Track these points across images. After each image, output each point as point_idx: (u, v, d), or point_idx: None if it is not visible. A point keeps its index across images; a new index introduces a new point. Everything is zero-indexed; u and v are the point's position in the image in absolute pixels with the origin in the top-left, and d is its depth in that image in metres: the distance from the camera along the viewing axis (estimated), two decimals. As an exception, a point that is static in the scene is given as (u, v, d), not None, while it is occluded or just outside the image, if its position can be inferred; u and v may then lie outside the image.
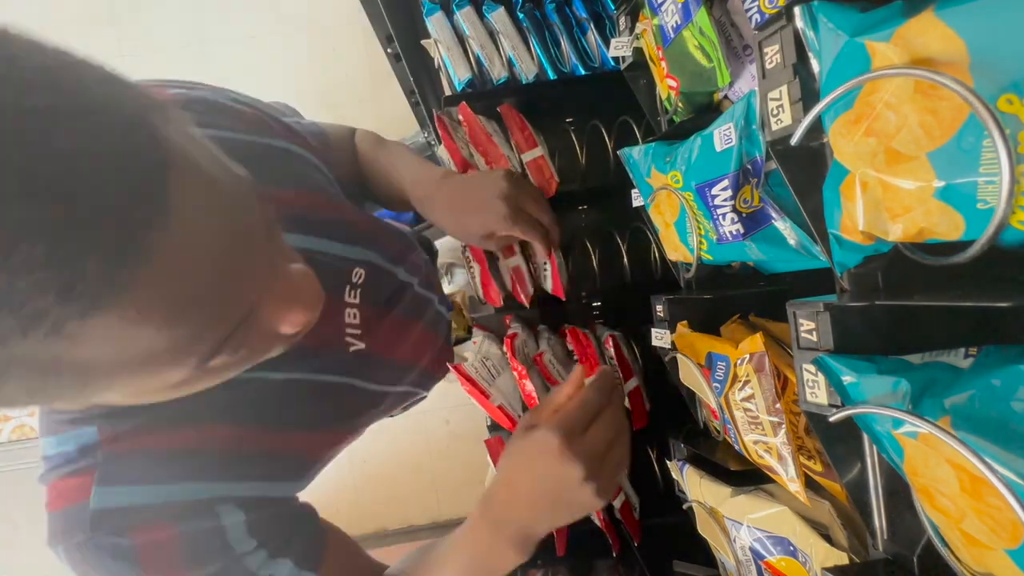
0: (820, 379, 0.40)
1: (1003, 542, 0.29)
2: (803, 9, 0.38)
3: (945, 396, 0.32)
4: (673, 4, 0.60)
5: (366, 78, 2.13)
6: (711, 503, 0.65)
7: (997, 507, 0.29)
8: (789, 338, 0.43)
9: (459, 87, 1.05)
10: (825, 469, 0.52)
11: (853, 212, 0.37)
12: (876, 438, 0.37)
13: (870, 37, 0.33)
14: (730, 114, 0.55)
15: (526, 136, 0.90)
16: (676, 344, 0.68)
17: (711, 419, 0.71)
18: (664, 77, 0.68)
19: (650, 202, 0.73)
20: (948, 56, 0.30)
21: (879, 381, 0.35)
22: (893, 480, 0.41)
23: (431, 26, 1.07)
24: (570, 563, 0.96)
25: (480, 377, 0.95)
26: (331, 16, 2.13)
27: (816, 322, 0.40)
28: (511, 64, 1.05)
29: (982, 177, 0.29)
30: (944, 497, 0.32)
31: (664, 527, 0.98)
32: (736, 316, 0.65)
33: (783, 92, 0.41)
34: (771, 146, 0.43)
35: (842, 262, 0.41)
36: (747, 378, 0.52)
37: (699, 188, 0.61)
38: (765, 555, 0.57)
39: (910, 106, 0.32)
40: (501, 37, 1.04)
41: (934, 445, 0.32)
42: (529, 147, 0.87)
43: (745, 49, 0.60)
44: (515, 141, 0.90)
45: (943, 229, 0.32)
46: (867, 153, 0.35)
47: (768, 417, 0.51)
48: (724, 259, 0.65)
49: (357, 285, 0.61)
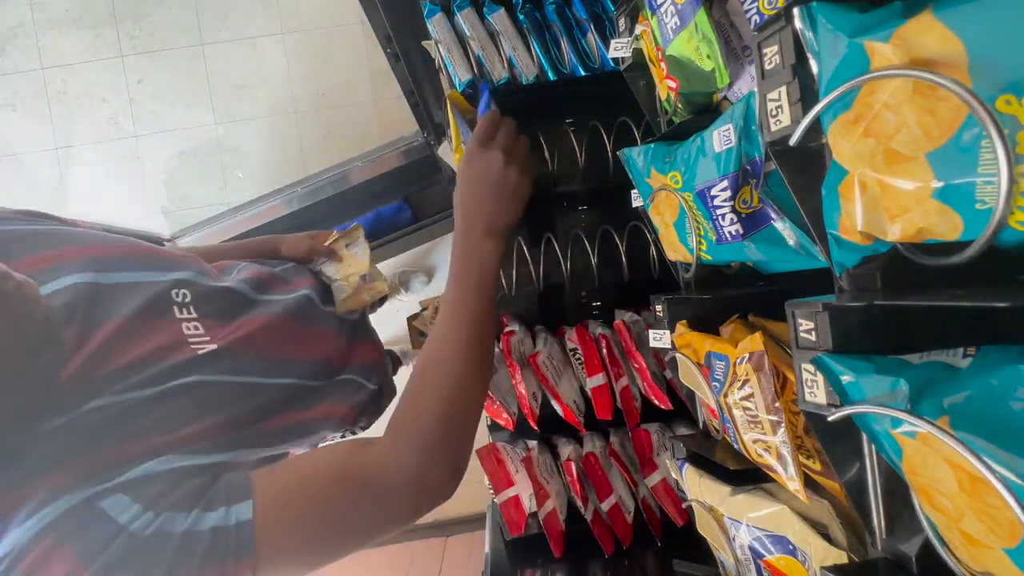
0: (819, 379, 0.40)
1: (1002, 541, 0.29)
2: (802, 10, 0.38)
3: (944, 396, 0.32)
4: (672, 5, 0.60)
5: (366, 78, 2.13)
6: (710, 502, 0.65)
7: (996, 506, 0.29)
8: (788, 338, 0.43)
9: (460, 88, 1.06)
10: (824, 468, 0.52)
11: (852, 212, 0.37)
12: (875, 437, 0.37)
13: (869, 38, 0.34)
14: (729, 115, 0.56)
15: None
16: (675, 344, 0.68)
17: (710, 418, 0.71)
18: (663, 78, 0.68)
19: (649, 202, 0.73)
20: (947, 57, 0.30)
21: (878, 381, 0.35)
22: (892, 479, 0.41)
23: (432, 27, 1.07)
24: (568, 564, 0.96)
25: None
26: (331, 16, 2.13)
27: (815, 322, 0.40)
28: (511, 65, 1.05)
29: (980, 177, 0.29)
30: (943, 496, 0.32)
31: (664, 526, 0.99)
32: (735, 316, 0.65)
33: (782, 93, 0.41)
34: (770, 147, 0.43)
35: (841, 262, 0.42)
36: (746, 377, 0.53)
37: (698, 189, 0.61)
38: (764, 554, 0.57)
39: (909, 107, 0.32)
40: (501, 38, 1.04)
41: (933, 445, 0.32)
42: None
43: (744, 50, 0.60)
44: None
45: (942, 229, 0.33)
46: (866, 153, 0.35)
47: (767, 416, 0.51)
48: (723, 259, 0.66)
49: (185, 303, 0.64)
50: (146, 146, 2.17)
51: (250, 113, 2.16)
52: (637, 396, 0.98)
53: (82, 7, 2.16)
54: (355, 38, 2.12)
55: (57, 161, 2.19)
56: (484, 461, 0.94)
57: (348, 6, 2.09)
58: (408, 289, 2.03)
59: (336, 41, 2.14)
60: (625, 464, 0.96)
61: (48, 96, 2.17)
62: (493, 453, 0.95)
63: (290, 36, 2.14)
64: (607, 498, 0.94)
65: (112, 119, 2.16)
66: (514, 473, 0.94)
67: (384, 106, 2.12)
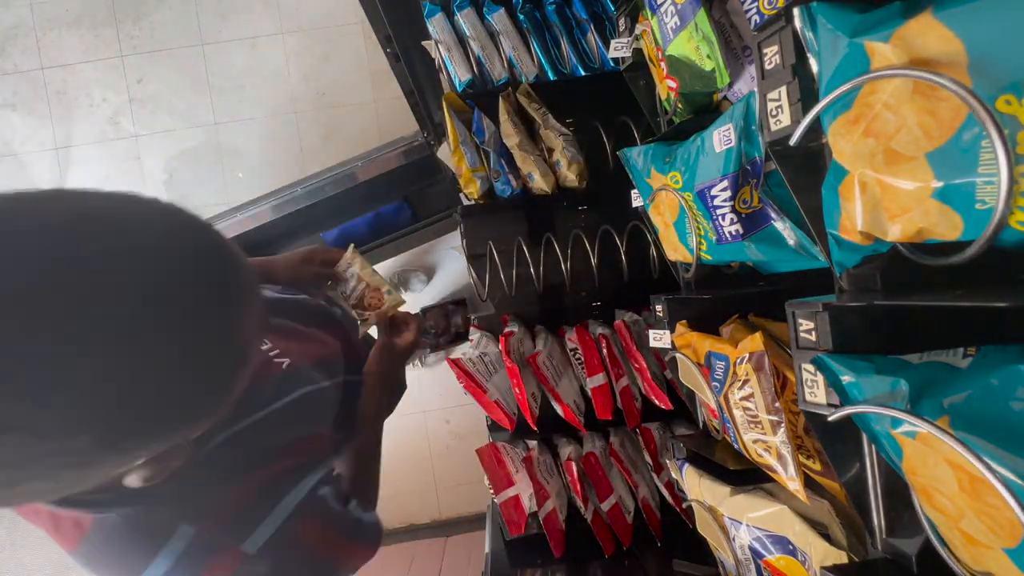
0: (819, 379, 0.40)
1: (1001, 541, 0.29)
2: (802, 10, 0.38)
3: (944, 396, 0.32)
4: (672, 5, 0.60)
5: (366, 78, 2.13)
6: (710, 502, 0.65)
7: (996, 506, 0.29)
8: (788, 338, 0.43)
9: (460, 88, 1.06)
10: (824, 468, 0.52)
11: (852, 212, 0.37)
12: (875, 437, 0.37)
13: (869, 38, 0.34)
14: (729, 115, 0.56)
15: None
16: (675, 344, 0.68)
17: (710, 418, 0.71)
18: (664, 78, 0.68)
19: (649, 202, 0.73)
20: (947, 57, 0.30)
21: (878, 381, 0.35)
22: (892, 479, 0.41)
23: (432, 27, 1.07)
24: (568, 564, 0.96)
25: (478, 372, 0.95)
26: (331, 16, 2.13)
27: (815, 322, 0.40)
28: (511, 65, 1.05)
29: (980, 177, 0.29)
30: (943, 496, 0.32)
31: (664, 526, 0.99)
32: (735, 316, 0.65)
33: (782, 93, 0.41)
34: (770, 147, 0.43)
35: (841, 262, 0.42)
36: (746, 377, 0.53)
37: (699, 189, 0.61)
38: (764, 554, 0.57)
39: (909, 107, 0.32)
40: (502, 38, 1.04)
41: (933, 444, 0.32)
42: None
43: (744, 50, 0.60)
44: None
45: (942, 229, 0.33)
46: (866, 153, 0.35)
47: (767, 416, 0.51)
48: (723, 259, 0.66)
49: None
50: (146, 146, 2.17)
51: (250, 113, 2.16)
52: (637, 396, 0.98)
53: (82, 7, 2.16)
54: (355, 38, 2.12)
55: (57, 161, 2.19)
56: (484, 461, 0.94)
57: (348, 6, 2.09)
58: (408, 288, 2.03)
59: (336, 41, 2.14)
60: (625, 464, 0.96)
61: (48, 96, 2.17)
62: (493, 453, 0.95)
63: (290, 36, 2.14)
64: (607, 498, 0.94)
65: (112, 119, 2.16)
66: (514, 473, 0.94)
67: (384, 106, 2.12)
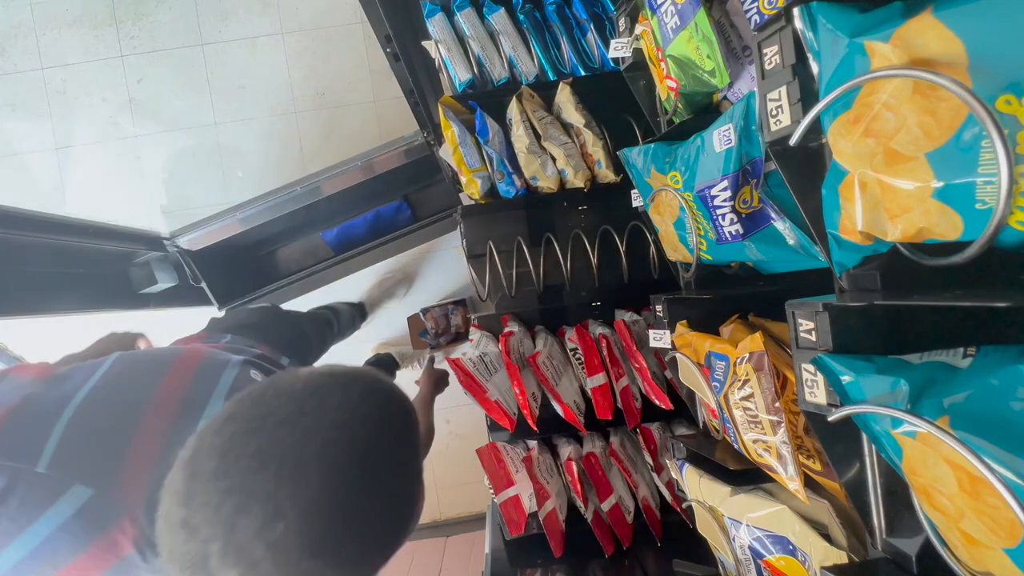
0: (819, 379, 0.40)
1: (1002, 541, 0.29)
2: (802, 10, 0.38)
3: (944, 396, 0.32)
4: (672, 5, 0.60)
5: (366, 78, 2.12)
6: (710, 502, 0.65)
7: (996, 506, 0.29)
8: (788, 338, 0.43)
9: (460, 87, 1.05)
10: (824, 468, 0.52)
11: (852, 212, 0.37)
12: (875, 437, 0.37)
13: (869, 38, 0.34)
14: (729, 115, 0.56)
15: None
16: (675, 344, 0.68)
17: (710, 418, 0.71)
18: (663, 78, 0.68)
19: (650, 202, 0.73)
20: (947, 57, 0.30)
21: (878, 381, 0.35)
22: (892, 479, 0.41)
23: (432, 27, 1.07)
24: (568, 564, 0.96)
25: (478, 372, 0.95)
26: (331, 16, 2.13)
27: (815, 322, 0.40)
28: (511, 65, 1.05)
29: (981, 177, 0.29)
30: (943, 496, 0.32)
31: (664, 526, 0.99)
32: (735, 316, 0.65)
33: (782, 93, 0.41)
34: (770, 147, 0.43)
35: (841, 262, 0.42)
36: (746, 377, 0.53)
37: (699, 189, 0.61)
38: (764, 554, 0.57)
39: (909, 107, 0.32)
40: (501, 38, 1.04)
41: (933, 445, 0.32)
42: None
43: (744, 50, 0.60)
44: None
45: (942, 229, 0.32)
46: (866, 153, 0.35)
47: (767, 416, 0.51)
48: (723, 259, 0.66)
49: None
50: (146, 146, 2.17)
51: (250, 113, 2.16)
52: (637, 396, 0.98)
53: (82, 7, 2.16)
54: (355, 38, 2.11)
55: (57, 161, 2.19)
56: (484, 461, 0.94)
57: (348, 6, 2.09)
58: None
59: (336, 41, 2.14)
60: (625, 464, 0.96)
61: (48, 96, 2.17)
62: (493, 453, 0.95)
63: (290, 36, 2.14)
64: (607, 498, 0.94)
65: (112, 119, 2.16)
66: (514, 473, 0.94)
67: (384, 106, 2.12)
